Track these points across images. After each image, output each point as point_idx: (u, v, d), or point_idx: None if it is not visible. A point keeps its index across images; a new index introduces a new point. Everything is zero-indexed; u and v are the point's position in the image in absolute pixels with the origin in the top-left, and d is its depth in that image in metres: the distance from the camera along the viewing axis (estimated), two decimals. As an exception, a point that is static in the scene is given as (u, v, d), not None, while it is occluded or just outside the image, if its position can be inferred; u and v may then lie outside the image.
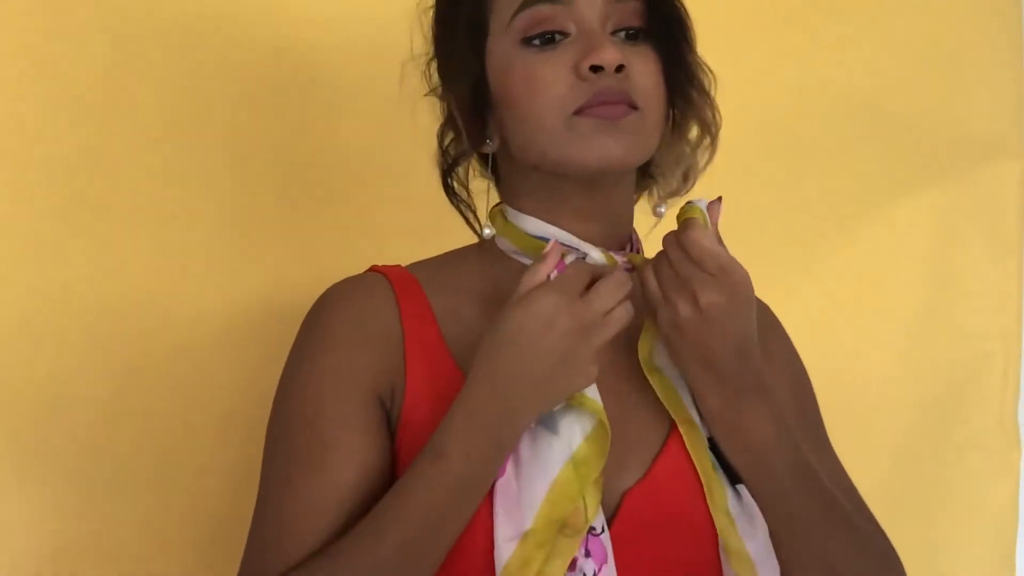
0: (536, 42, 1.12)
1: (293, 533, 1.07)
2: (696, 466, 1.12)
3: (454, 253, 1.22)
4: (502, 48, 1.13)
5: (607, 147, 1.10)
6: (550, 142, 1.11)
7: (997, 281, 1.95)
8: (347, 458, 1.08)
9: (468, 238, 1.22)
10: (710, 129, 1.17)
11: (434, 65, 1.20)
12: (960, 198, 1.92)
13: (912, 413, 1.89)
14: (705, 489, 1.11)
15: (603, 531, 1.07)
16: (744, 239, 1.76)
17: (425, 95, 1.20)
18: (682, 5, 1.16)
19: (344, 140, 1.54)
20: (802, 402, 1.26)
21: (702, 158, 1.19)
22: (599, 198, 1.15)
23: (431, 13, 1.19)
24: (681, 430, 1.13)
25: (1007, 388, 1.95)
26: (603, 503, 1.08)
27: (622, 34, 1.13)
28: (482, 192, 1.20)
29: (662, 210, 1.19)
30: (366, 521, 1.06)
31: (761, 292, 1.23)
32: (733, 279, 1.08)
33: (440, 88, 1.19)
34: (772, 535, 1.12)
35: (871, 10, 1.87)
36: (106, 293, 1.41)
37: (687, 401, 1.14)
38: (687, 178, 1.19)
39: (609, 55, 1.09)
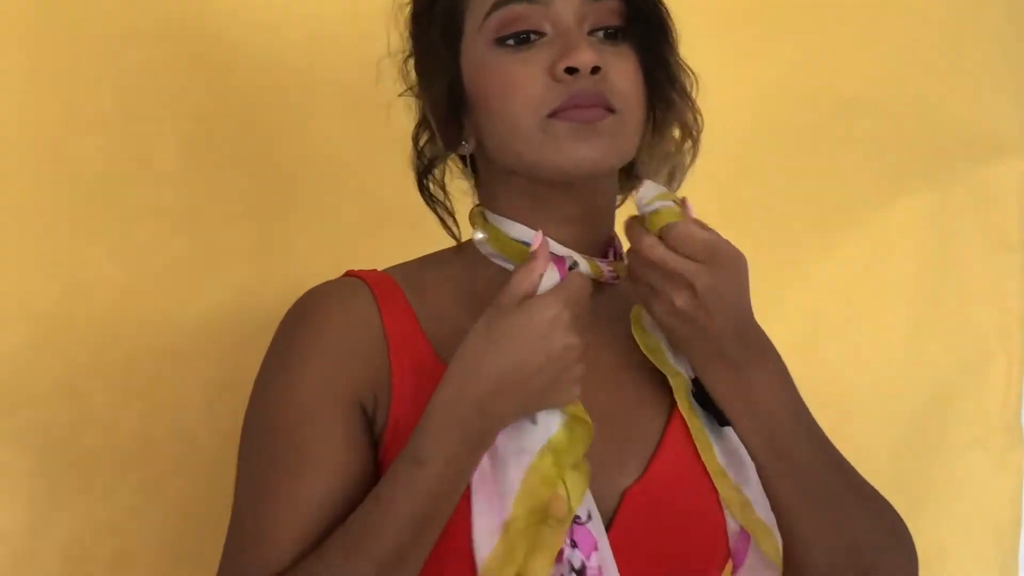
0: (511, 42, 1.09)
1: (273, 541, 1.04)
2: (687, 423, 1.12)
3: (431, 257, 1.19)
4: (476, 48, 1.11)
5: (582, 151, 1.08)
6: (525, 145, 1.09)
7: (998, 280, 1.95)
8: (328, 466, 1.05)
9: (444, 240, 1.19)
10: (691, 131, 1.16)
11: (411, 63, 1.17)
12: (961, 196, 1.92)
13: (914, 413, 1.90)
14: (698, 446, 1.11)
15: (589, 519, 1.05)
16: (739, 241, 1.77)
17: (400, 95, 1.18)
18: (663, 4, 1.14)
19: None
20: None
21: (686, 158, 1.17)
22: (580, 201, 1.12)
23: (407, 10, 1.17)
24: (672, 383, 1.13)
25: (1009, 388, 1.95)
26: (603, 502, 1.07)
27: (600, 34, 1.10)
28: (460, 193, 1.19)
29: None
30: (342, 533, 1.03)
31: (760, 292, 1.23)
32: (725, 259, 1.07)
33: (416, 87, 1.16)
34: (786, 502, 1.12)
35: (870, 7, 1.87)
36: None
37: (671, 355, 1.13)
38: (673, 178, 1.16)
39: (585, 56, 1.06)
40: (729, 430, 1.13)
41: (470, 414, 1.01)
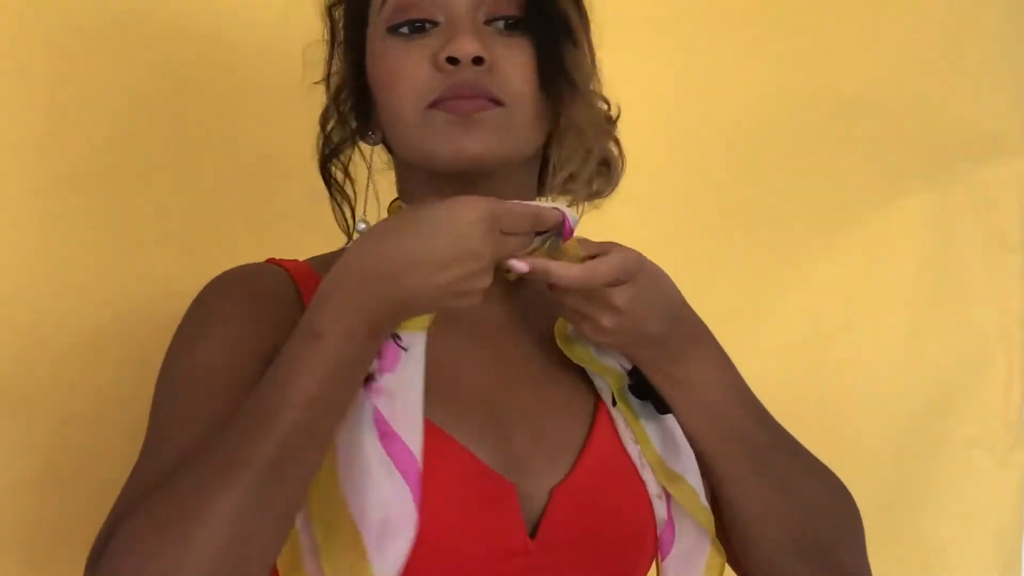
0: (404, 30, 1.08)
1: (158, 478, 0.98)
2: (623, 416, 1.11)
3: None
4: (374, 37, 1.10)
5: (462, 143, 1.05)
6: (409, 135, 1.08)
7: (999, 280, 1.95)
8: (219, 418, 0.99)
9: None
10: (584, 133, 1.10)
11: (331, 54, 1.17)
12: (961, 196, 1.92)
13: (914, 412, 1.90)
14: (636, 437, 1.10)
15: (406, 352, 1.01)
16: (739, 241, 1.77)
17: (315, 83, 1.17)
18: None
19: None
20: None
21: (615, 156, 1.14)
22: (484, 194, 1.04)
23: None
24: (609, 380, 1.12)
25: (1011, 386, 1.95)
26: (532, 502, 1.06)
27: (500, 24, 1.08)
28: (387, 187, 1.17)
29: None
30: (239, 417, 0.96)
31: (760, 292, 1.23)
32: (632, 269, 1.04)
33: (328, 75, 1.16)
34: (736, 481, 1.11)
35: (870, 7, 1.87)
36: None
37: (600, 354, 1.12)
38: (609, 177, 1.14)
39: (466, 46, 1.04)
40: (669, 418, 1.12)
41: (365, 293, 0.96)
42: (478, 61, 1.05)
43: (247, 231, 1.49)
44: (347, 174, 1.16)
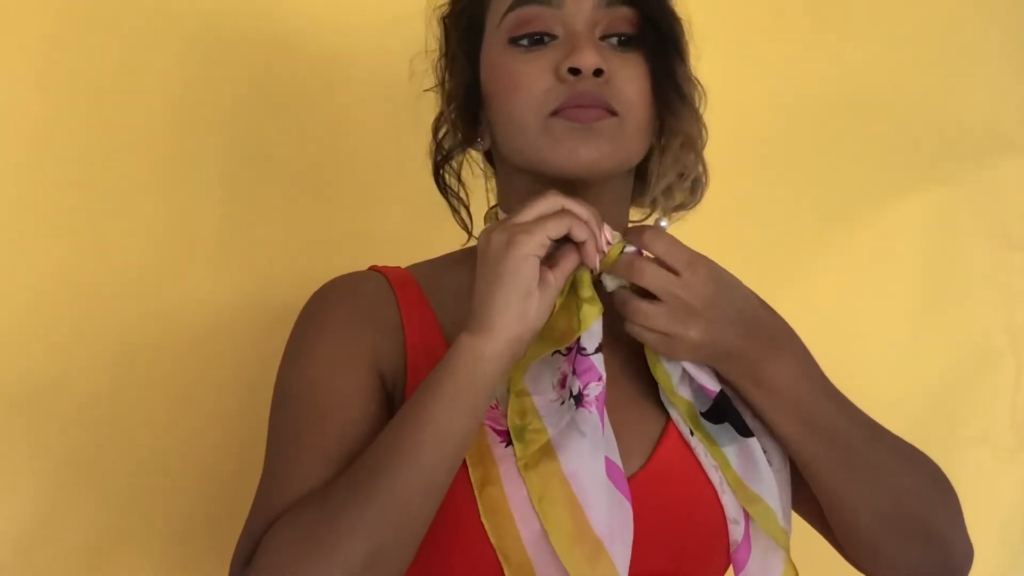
0: (524, 42, 1.13)
1: (300, 480, 1.06)
2: (700, 442, 1.13)
3: (451, 256, 1.23)
4: (493, 47, 1.15)
5: (579, 150, 1.10)
6: (527, 142, 1.12)
7: (1005, 278, 1.95)
8: (348, 416, 1.08)
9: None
10: (694, 144, 1.16)
11: (443, 63, 1.22)
12: (967, 194, 1.93)
13: (921, 410, 1.90)
14: (720, 466, 1.12)
15: (596, 352, 1.07)
16: (745, 238, 1.77)
17: (425, 91, 1.22)
18: (674, 15, 1.17)
19: (348, 140, 1.56)
20: None
21: (699, 169, 1.17)
22: (587, 202, 1.10)
23: (439, 11, 1.22)
24: (680, 410, 1.14)
25: (1017, 385, 1.96)
26: None
27: (614, 40, 1.13)
28: (480, 189, 1.22)
29: (664, 224, 1.16)
30: (408, 409, 1.03)
31: (765, 291, 1.23)
32: (705, 267, 1.09)
33: (440, 83, 1.21)
34: (829, 476, 1.14)
35: (876, 6, 1.87)
36: (101, 285, 1.42)
37: (676, 384, 1.14)
38: (694, 190, 1.18)
39: (588, 59, 1.09)
40: (750, 441, 1.13)
41: (469, 336, 1.04)
42: (598, 73, 1.10)
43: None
44: (460, 179, 1.21)
